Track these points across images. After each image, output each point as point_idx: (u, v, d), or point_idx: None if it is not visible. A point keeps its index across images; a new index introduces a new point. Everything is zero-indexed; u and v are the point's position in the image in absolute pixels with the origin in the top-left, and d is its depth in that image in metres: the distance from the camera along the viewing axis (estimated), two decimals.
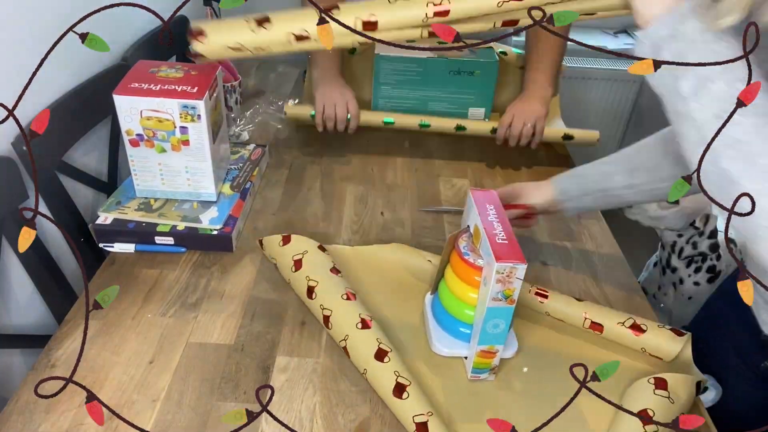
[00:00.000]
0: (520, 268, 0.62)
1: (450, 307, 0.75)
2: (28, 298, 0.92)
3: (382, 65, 1.22)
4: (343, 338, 0.73)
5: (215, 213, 0.93)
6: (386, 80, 1.24)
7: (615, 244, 1.00)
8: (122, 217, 0.90)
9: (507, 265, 0.62)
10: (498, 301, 0.64)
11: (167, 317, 0.79)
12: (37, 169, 0.90)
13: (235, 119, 1.25)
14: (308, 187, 1.09)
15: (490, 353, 0.70)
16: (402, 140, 1.27)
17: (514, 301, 0.65)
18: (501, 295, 0.64)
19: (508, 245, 0.64)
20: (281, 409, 0.67)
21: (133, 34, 1.20)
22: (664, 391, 0.67)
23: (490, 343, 0.68)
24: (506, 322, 0.67)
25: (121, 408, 0.66)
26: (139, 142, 0.89)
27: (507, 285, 0.63)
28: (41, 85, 0.89)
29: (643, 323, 0.77)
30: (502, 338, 0.68)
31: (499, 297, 0.64)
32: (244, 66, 1.54)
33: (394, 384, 0.66)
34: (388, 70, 1.23)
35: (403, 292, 0.85)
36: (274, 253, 0.88)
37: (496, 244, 0.64)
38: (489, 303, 0.64)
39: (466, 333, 0.73)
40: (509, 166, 1.21)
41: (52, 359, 0.72)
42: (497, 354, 0.70)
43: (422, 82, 1.24)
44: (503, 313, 0.66)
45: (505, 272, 0.62)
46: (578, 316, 0.80)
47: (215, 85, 0.91)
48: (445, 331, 0.76)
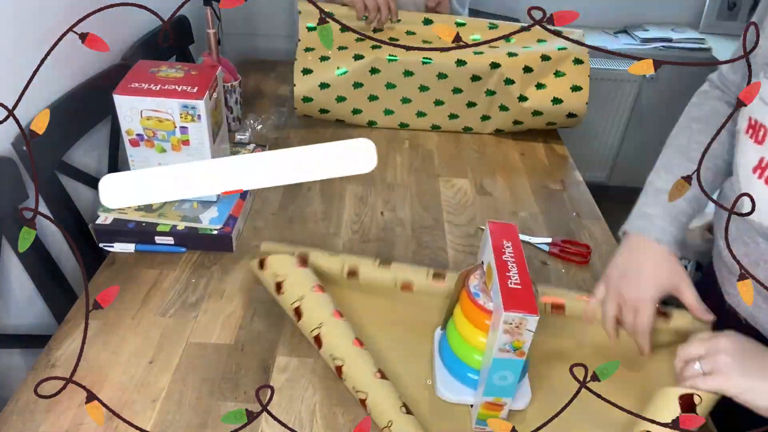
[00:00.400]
0: (531, 320, 0.56)
1: (458, 350, 0.68)
2: (28, 298, 0.92)
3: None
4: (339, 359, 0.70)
5: (215, 213, 0.93)
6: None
7: (615, 244, 1.00)
8: (122, 216, 0.90)
9: (517, 315, 0.56)
10: (506, 353, 0.58)
11: (167, 317, 0.79)
12: (37, 169, 0.90)
13: (235, 120, 1.25)
14: (308, 187, 1.09)
15: (497, 405, 0.63)
16: (402, 140, 1.27)
17: (524, 354, 0.58)
18: (509, 346, 0.58)
19: (522, 291, 0.57)
20: (281, 409, 0.67)
21: (133, 34, 1.20)
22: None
23: (496, 395, 0.62)
24: (515, 374, 0.60)
25: (121, 408, 0.66)
26: (139, 142, 0.89)
27: (516, 336, 0.57)
28: (41, 85, 0.89)
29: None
30: (510, 391, 0.62)
31: (507, 348, 0.58)
32: (245, 66, 1.54)
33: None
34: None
35: (410, 328, 0.78)
36: (258, 276, 0.82)
37: (508, 288, 0.58)
38: (496, 354, 0.58)
39: (474, 379, 0.67)
40: (509, 167, 1.21)
41: (52, 359, 0.72)
42: (505, 407, 0.63)
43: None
44: (512, 365, 0.59)
45: (515, 323, 0.56)
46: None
47: (215, 85, 0.91)
48: (452, 375, 0.70)
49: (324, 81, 1.21)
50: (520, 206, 1.08)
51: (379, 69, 1.21)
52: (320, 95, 1.22)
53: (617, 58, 1.60)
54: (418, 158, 1.22)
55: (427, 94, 1.24)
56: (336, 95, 1.23)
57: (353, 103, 1.25)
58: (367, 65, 1.20)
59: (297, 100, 1.23)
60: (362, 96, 1.24)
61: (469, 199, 1.10)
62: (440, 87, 1.23)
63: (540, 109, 1.23)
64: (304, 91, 1.22)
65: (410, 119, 1.28)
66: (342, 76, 1.21)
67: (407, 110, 1.26)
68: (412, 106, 1.26)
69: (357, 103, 1.25)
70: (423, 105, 1.26)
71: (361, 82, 1.22)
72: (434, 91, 1.23)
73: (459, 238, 0.98)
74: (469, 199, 1.09)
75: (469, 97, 1.24)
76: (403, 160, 1.21)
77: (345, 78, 1.21)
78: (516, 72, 1.20)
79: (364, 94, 1.24)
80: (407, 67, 1.20)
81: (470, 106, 1.26)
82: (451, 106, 1.26)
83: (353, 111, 1.27)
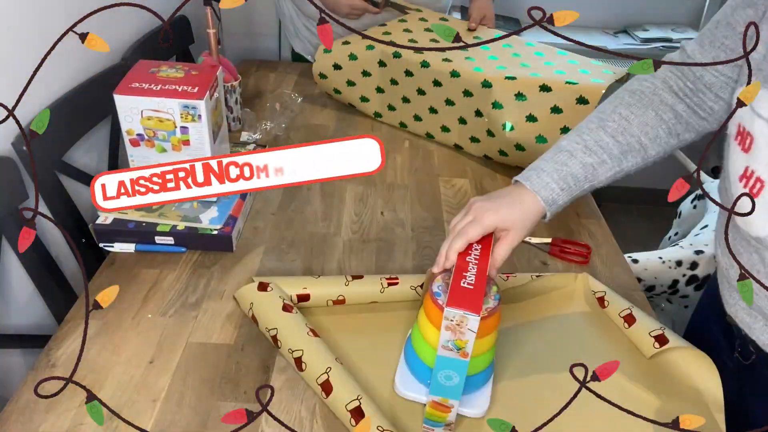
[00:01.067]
0: (472, 319, 0.55)
1: (417, 349, 0.68)
2: (28, 298, 0.92)
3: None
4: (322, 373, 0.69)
5: (215, 213, 0.93)
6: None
7: (615, 244, 1.00)
8: (122, 216, 0.90)
9: (458, 312, 0.55)
10: (449, 351, 0.58)
11: (167, 317, 0.79)
12: (37, 169, 0.90)
13: (235, 120, 1.25)
14: (308, 187, 1.09)
15: (444, 407, 0.62)
16: (402, 140, 1.27)
17: (467, 355, 0.58)
18: (452, 344, 0.57)
19: (471, 292, 0.57)
20: (281, 409, 0.67)
21: (133, 34, 1.20)
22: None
23: (442, 395, 0.61)
24: (460, 376, 0.60)
25: (121, 408, 0.66)
26: (140, 142, 0.89)
27: (458, 335, 0.57)
28: (41, 85, 0.89)
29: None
30: (456, 393, 0.61)
31: (449, 346, 0.57)
32: (245, 66, 1.54)
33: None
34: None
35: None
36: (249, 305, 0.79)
37: (458, 287, 0.58)
38: (440, 351, 0.58)
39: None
40: (509, 167, 1.21)
41: (52, 359, 0.72)
42: (452, 409, 0.62)
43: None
44: (456, 365, 0.59)
45: (455, 320, 0.56)
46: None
47: (215, 85, 0.91)
48: (411, 373, 0.70)
49: (337, 62, 1.26)
50: None
51: (385, 63, 1.22)
52: (334, 75, 1.28)
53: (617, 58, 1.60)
54: (418, 158, 1.22)
55: (424, 98, 1.21)
56: (347, 78, 1.28)
57: (361, 90, 1.29)
58: (375, 57, 1.22)
59: (315, 75, 1.31)
60: (370, 85, 1.27)
61: (469, 199, 1.09)
62: (435, 94, 1.18)
63: (524, 144, 1.09)
64: (320, 68, 1.29)
65: (408, 120, 1.28)
66: (353, 62, 1.24)
67: (406, 110, 1.26)
68: (410, 107, 1.25)
69: (365, 91, 1.28)
70: (419, 109, 1.23)
71: (370, 72, 1.24)
72: (429, 97, 1.19)
73: None
74: (469, 199, 1.09)
75: (461, 112, 1.16)
76: (403, 160, 1.21)
77: (355, 64, 1.24)
78: (507, 97, 1.08)
79: (372, 83, 1.26)
80: (408, 66, 1.19)
81: (462, 123, 1.18)
82: (444, 117, 1.20)
83: (361, 98, 1.30)
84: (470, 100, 1.13)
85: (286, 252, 0.92)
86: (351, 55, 1.24)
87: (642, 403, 0.71)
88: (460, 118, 1.18)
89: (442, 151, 1.24)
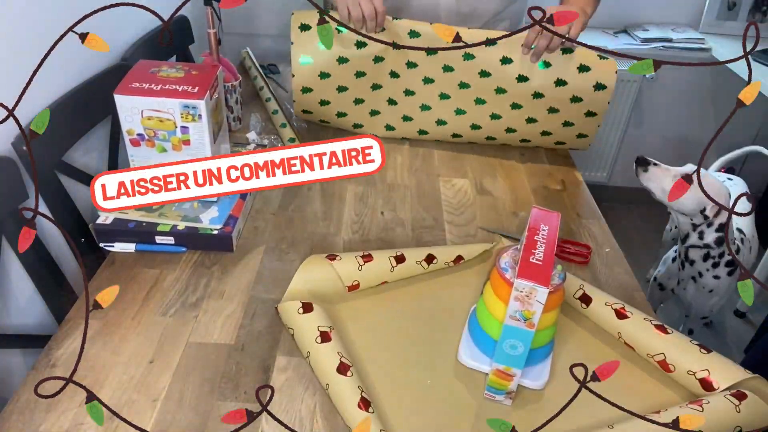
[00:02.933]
0: (541, 291, 0.59)
1: (482, 321, 0.72)
2: (28, 298, 0.92)
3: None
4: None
5: (215, 213, 0.93)
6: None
7: (615, 244, 1.00)
8: (122, 216, 0.90)
9: (527, 284, 0.59)
10: (516, 321, 0.62)
11: (167, 317, 0.79)
12: (37, 169, 0.90)
13: (236, 119, 1.25)
14: (308, 187, 1.09)
15: (507, 375, 0.66)
16: (402, 140, 1.27)
17: (533, 325, 0.62)
18: (519, 315, 0.61)
19: (540, 267, 0.61)
20: (281, 409, 0.68)
21: (133, 34, 1.20)
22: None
23: (506, 363, 0.66)
24: (525, 345, 0.64)
25: (121, 408, 0.66)
26: (140, 142, 0.89)
27: (526, 306, 0.60)
28: (41, 85, 0.89)
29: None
30: (520, 362, 0.65)
31: (517, 317, 0.61)
32: (245, 66, 1.54)
33: (358, 398, 0.66)
34: None
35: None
36: (292, 323, 0.78)
37: (528, 262, 0.62)
38: (507, 320, 0.62)
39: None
40: (509, 167, 1.21)
41: (52, 359, 0.72)
42: (514, 378, 0.67)
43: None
44: (521, 335, 0.63)
45: (525, 291, 0.60)
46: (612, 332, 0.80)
47: (216, 84, 0.91)
48: (474, 344, 0.74)
49: (324, 70, 1.14)
50: (520, 206, 1.08)
51: (383, 57, 1.15)
52: (320, 85, 1.16)
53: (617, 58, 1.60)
54: (418, 158, 1.22)
55: (413, 98, 1.19)
56: (337, 85, 1.17)
57: (355, 93, 1.19)
58: (370, 54, 1.14)
59: (296, 91, 1.17)
60: (365, 85, 1.19)
61: (469, 199, 1.10)
62: (427, 91, 1.18)
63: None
64: (303, 81, 1.16)
65: (413, 112, 1.23)
66: (343, 65, 1.14)
67: (410, 102, 1.21)
68: (415, 99, 1.20)
69: (359, 92, 1.20)
70: (428, 98, 1.20)
71: (364, 71, 1.17)
72: (439, 84, 1.17)
73: (459, 238, 0.99)
74: (469, 199, 1.09)
75: (457, 104, 1.19)
76: (403, 160, 1.21)
77: (346, 67, 1.14)
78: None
79: (366, 82, 1.18)
80: (410, 57, 1.15)
81: (459, 113, 1.20)
82: (438, 111, 1.21)
83: (355, 101, 1.21)
84: (467, 91, 1.16)
85: (286, 252, 0.93)
86: (341, 59, 1.14)
87: (642, 401, 0.71)
88: (456, 110, 1.19)
89: (442, 151, 1.24)
